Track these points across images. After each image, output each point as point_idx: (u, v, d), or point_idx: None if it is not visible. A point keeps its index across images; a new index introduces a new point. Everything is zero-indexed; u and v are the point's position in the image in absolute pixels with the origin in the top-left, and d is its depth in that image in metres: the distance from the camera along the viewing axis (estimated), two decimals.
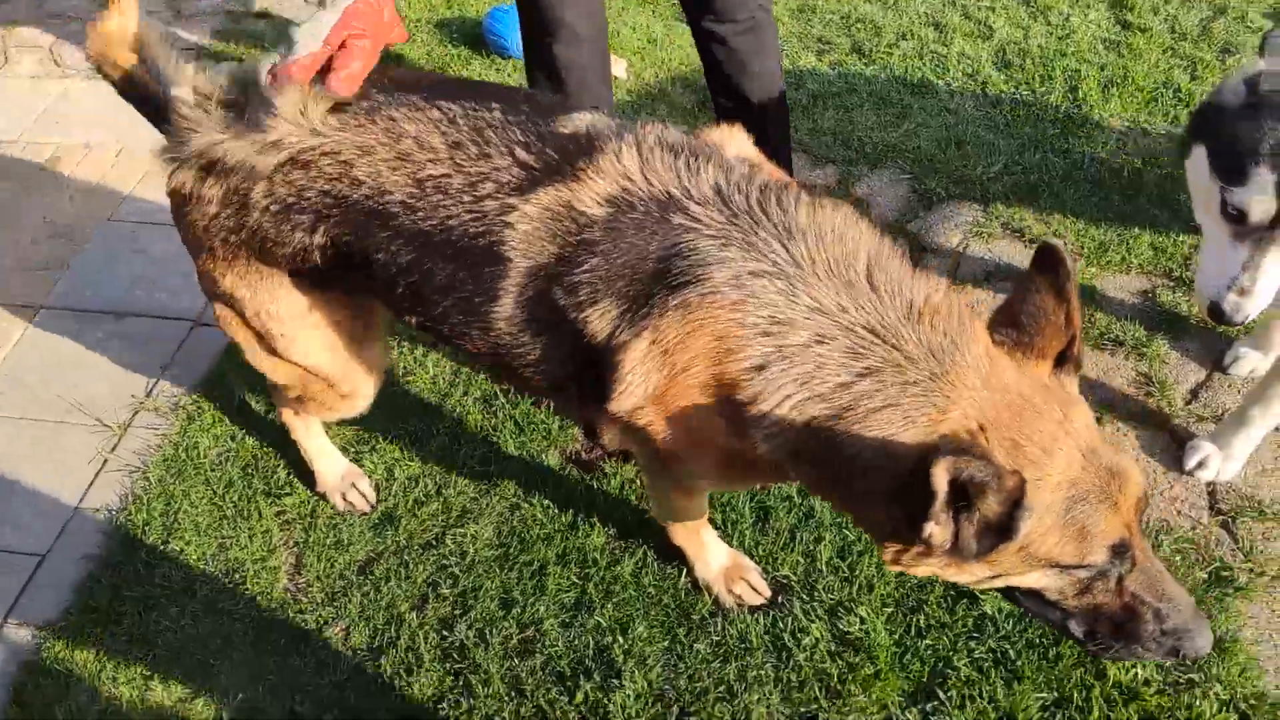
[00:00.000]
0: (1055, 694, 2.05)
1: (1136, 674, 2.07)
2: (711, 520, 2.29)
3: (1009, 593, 1.57)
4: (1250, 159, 1.78)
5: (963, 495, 1.32)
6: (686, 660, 2.18)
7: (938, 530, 1.36)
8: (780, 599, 2.27)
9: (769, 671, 2.15)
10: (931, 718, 2.06)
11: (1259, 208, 1.81)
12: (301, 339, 2.01)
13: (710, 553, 2.24)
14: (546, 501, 2.49)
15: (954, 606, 2.20)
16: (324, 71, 3.71)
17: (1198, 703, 2.02)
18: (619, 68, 3.93)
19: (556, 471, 2.56)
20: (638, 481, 2.50)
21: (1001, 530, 1.34)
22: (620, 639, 2.21)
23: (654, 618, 2.25)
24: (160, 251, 3.27)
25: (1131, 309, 2.84)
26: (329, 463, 2.53)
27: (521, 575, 2.35)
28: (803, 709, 2.09)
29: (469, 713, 2.13)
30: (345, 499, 2.51)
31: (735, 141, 1.81)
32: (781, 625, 2.21)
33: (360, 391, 2.20)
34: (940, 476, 1.28)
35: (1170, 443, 2.52)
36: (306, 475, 2.57)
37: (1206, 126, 1.93)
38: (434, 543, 2.44)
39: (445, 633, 2.26)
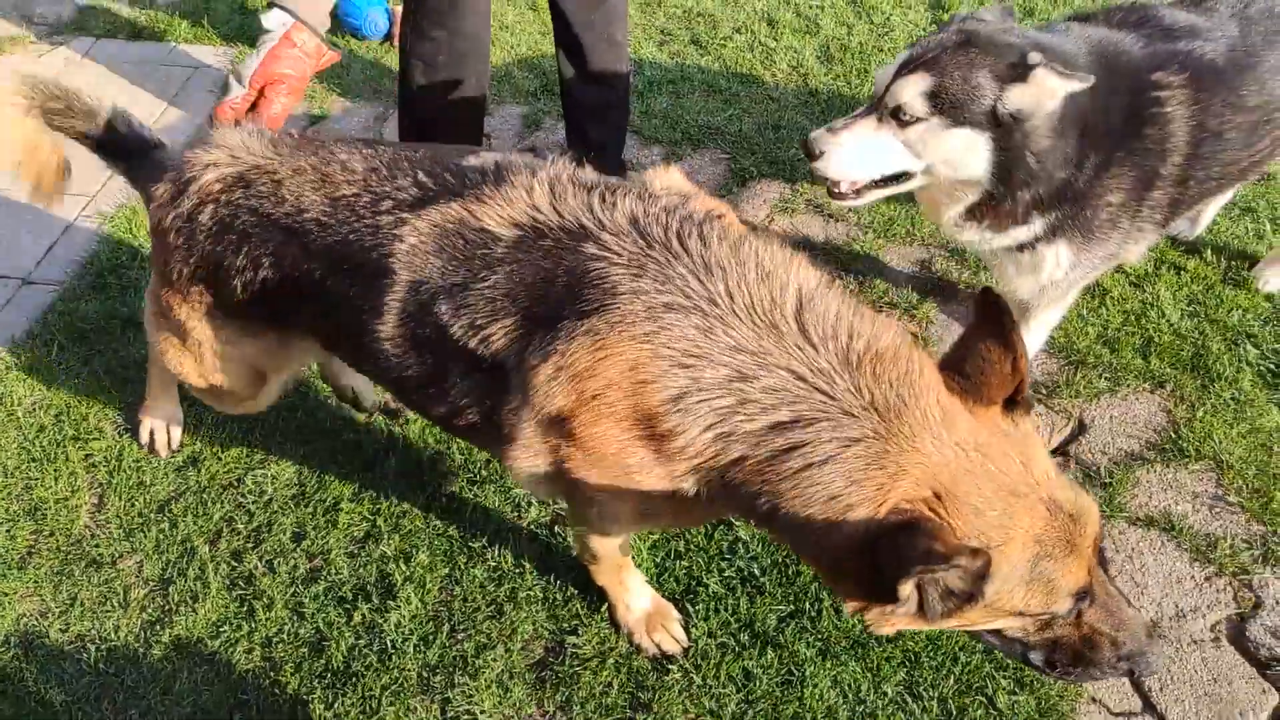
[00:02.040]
0: (792, 606, 2.25)
1: None
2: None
3: (971, 631, 1.58)
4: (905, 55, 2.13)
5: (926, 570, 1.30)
6: (463, 584, 2.33)
7: (905, 606, 1.34)
8: (556, 529, 2.43)
9: (537, 592, 2.31)
10: (682, 629, 2.24)
11: (882, 73, 2.16)
12: (233, 371, 2.10)
13: (633, 597, 2.16)
14: (348, 443, 2.62)
15: (712, 533, 2.39)
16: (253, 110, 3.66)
17: None
18: None
19: (358, 416, 2.68)
20: (430, 428, 2.64)
21: (967, 597, 1.32)
22: (403, 566, 2.35)
23: (437, 547, 2.40)
24: None
25: (909, 277, 3.09)
26: (167, 405, 2.60)
27: (316, 511, 2.47)
28: (564, 624, 2.25)
29: (249, 635, 2.24)
30: (153, 436, 2.60)
31: (666, 177, 1.79)
32: (555, 550, 2.38)
33: (261, 405, 2.31)
34: (907, 589, 1.27)
35: None
36: (116, 421, 2.66)
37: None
38: (234, 483, 2.55)
39: (235, 563, 2.37)
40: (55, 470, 2.56)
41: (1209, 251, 3.11)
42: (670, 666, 2.16)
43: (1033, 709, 2.07)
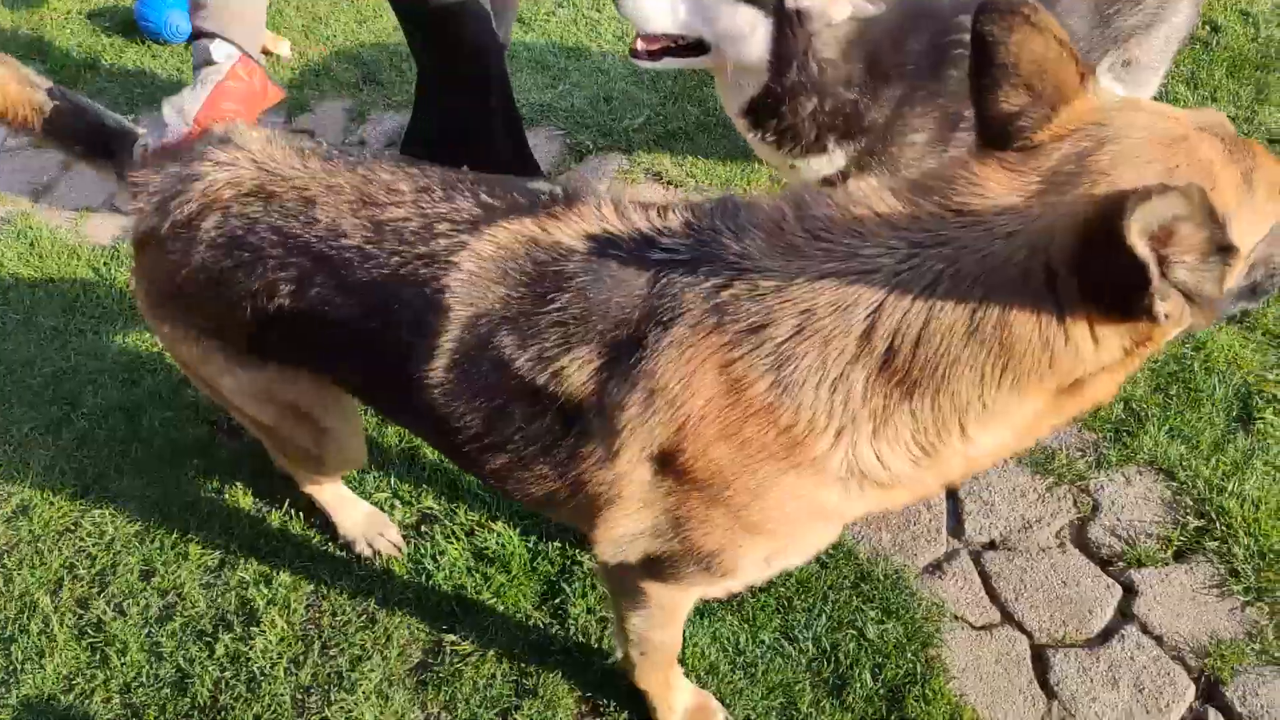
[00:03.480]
0: None
1: None
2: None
3: (1238, 297, 1.33)
4: None
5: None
6: (330, 599, 2.26)
7: (1169, 304, 1.11)
8: (423, 529, 2.38)
9: (410, 595, 2.26)
10: (561, 609, 2.23)
11: None
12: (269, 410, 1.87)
13: (676, 696, 2.01)
14: (190, 472, 2.49)
15: None
16: None
17: None
18: (283, 48, 3.92)
19: (199, 443, 2.56)
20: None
21: (1223, 250, 1.10)
22: (264, 589, 2.26)
23: (299, 564, 2.31)
24: None
25: None
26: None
27: (163, 545, 2.35)
28: (441, 624, 2.21)
29: (105, 683, 2.11)
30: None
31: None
32: (423, 551, 2.33)
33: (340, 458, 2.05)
34: (1139, 243, 1.03)
35: None
36: None
37: None
38: (71, 528, 2.39)
39: (81, 611, 2.23)
40: None
41: None
42: (552, 648, 2.16)
43: (900, 634, 2.16)
